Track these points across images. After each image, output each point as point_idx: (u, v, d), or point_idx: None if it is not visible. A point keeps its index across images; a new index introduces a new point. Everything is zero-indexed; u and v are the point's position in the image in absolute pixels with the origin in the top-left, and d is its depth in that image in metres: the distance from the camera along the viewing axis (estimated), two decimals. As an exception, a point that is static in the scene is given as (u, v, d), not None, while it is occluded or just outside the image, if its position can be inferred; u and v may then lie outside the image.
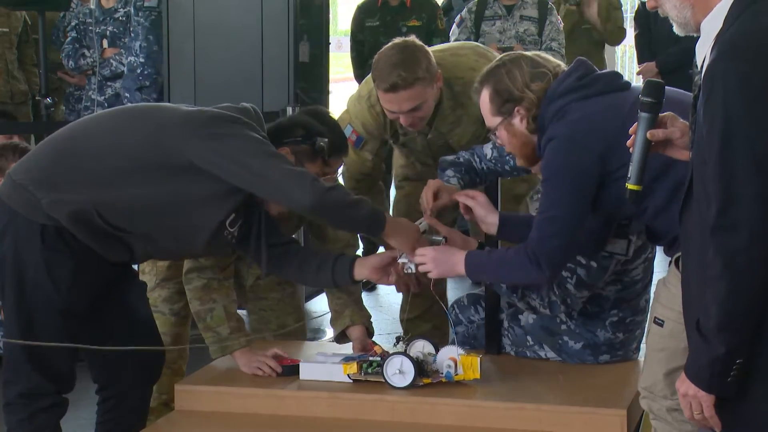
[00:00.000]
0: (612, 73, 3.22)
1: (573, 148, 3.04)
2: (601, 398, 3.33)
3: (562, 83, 3.12)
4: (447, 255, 3.36)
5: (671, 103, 2.64)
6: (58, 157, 3.31)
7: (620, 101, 3.07)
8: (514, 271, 3.23)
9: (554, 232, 3.10)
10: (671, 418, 2.96)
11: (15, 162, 5.32)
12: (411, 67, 3.82)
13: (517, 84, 3.16)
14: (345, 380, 3.46)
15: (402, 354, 3.43)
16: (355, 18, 7.04)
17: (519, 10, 6.50)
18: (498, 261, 3.29)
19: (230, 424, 3.41)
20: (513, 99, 3.17)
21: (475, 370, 3.38)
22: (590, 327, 3.61)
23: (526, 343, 3.70)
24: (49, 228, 3.23)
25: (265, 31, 5.59)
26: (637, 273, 3.58)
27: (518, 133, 3.20)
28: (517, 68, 3.18)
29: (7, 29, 6.82)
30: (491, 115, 3.23)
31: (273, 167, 3.21)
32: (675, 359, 2.94)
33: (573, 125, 3.06)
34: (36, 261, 3.25)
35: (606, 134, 3.01)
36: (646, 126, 2.50)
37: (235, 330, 3.58)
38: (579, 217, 3.11)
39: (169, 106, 3.43)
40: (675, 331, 2.93)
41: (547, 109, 3.11)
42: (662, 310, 2.98)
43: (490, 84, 3.21)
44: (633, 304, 3.61)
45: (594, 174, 3.03)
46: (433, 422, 3.32)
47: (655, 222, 3.07)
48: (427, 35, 6.78)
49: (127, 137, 3.28)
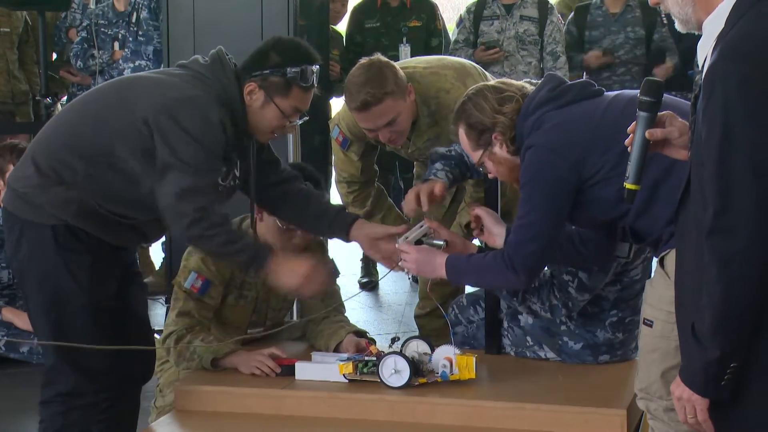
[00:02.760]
0: (584, 81, 3.26)
1: (548, 157, 3.07)
2: (601, 398, 3.33)
3: (534, 98, 3.17)
4: (429, 257, 3.38)
5: (669, 106, 2.63)
6: (50, 158, 3.29)
7: (593, 108, 3.11)
8: (492, 275, 3.26)
9: (530, 238, 3.13)
10: (668, 418, 2.96)
11: (13, 162, 5.37)
12: (379, 83, 3.88)
13: (485, 113, 3.20)
14: (341, 380, 3.47)
15: (397, 354, 3.43)
16: (351, 19, 7.01)
17: (519, 10, 6.46)
18: (476, 265, 3.31)
19: (230, 424, 3.41)
20: (486, 128, 3.21)
21: (471, 370, 3.38)
22: (590, 327, 3.61)
23: (526, 343, 3.70)
24: (60, 227, 3.24)
25: (265, 31, 5.58)
26: (636, 273, 3.58)
27: (503, 160, 3.24)
28: (482, 99, 3.23)
29: (8, 29, 6.82)
30: (473, 151, 3.28)
31: (176, 188, 3.15)
32: (668, 359, 2.94)
33: (548, 134, 3.10)
34: (55, 262, 3.25)
35: (580, 142, 3.05)
36: (645, 125, 2.48)
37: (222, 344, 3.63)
38: (555, 223, 3.14)
39: (142, 89, 3.33)
40: (665, 330, 2.94)
41: (523, 125, 3.15)
42: (651, 310, 2.99)
43: (462, 121, 3.26)
44: (632, 303, 3.62)
45: (569, 181, 3.06)
46: (432, 422, 3.32)
47: (637, 223, 3.09)
48: (426, 35, 6.78)
49: (109, 126, 3.26)
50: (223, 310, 3.83)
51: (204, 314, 3.74)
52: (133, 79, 3.52)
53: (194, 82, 3.28)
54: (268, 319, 3.94)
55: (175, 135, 3.16)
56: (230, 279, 3.79)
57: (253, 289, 3.86)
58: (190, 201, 3.15)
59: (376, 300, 6.60)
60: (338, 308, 3.94)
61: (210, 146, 3.18)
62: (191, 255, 3.75)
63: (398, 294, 6.64)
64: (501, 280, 3.26)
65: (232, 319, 3.85)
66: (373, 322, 5.93)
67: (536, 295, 3.59)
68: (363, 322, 5.69)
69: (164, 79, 3.32)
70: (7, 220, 3.36)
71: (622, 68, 6.38)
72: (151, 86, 3.29)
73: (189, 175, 3.14)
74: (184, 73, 3.32)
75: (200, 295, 3.72)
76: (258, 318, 3.92)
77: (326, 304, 3.90)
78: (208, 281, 3.71)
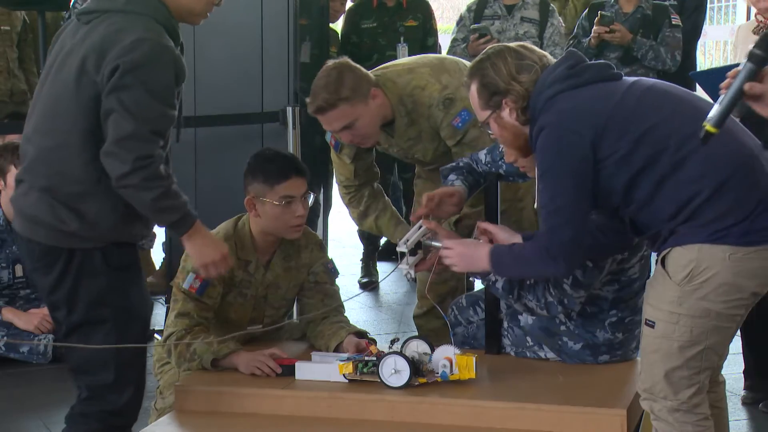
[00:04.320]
0: (603, 63, 3.20)
1: (564, 134, 3.01)
2: (601, 398, 3.33)
3: (552, 73, 3.11)
4: (472, 249, 3.35)
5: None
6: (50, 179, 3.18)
7: (610, 90, 3.06)
8: (533, 266, 3.19)
9: (562, 222, 3.05)
10: (672, 419, 2.96)
11: (13, 163, 5.36)
12: (335, 89, 3.90)
13: (502, 76, 3.14)
14: (341, 380, 3.47)
15: (397, 354, 3.43)
16: (347, 19, 7.00)
17: (520, 11, 6.44)
18: (518, 257, 3.24)
19: (230, 424, 3.41)
20: (499, 92, 3.15)
21: (471, 370, 3.38)
22: (589, 327, 3.61)
23: (526, 343, 3.70)
24: (108, 248, 3.17)
25: (265, 31, 5.59)
26: (633, 272, 3.58)
27: (508, 126, 3.18)
28: (501, 61, 3.17)
29: (8, 27, 6.81)
30: (480, 109, 3.22)
31: (116, 135, 3.05)
32: (671, 359, 2.94)
33: (562, 114, 3.03)
34: (109, 282, 3.18)
35: (595, 121, 2.99)
36: (747, 76, 2.57)
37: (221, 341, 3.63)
38: (583, 203, 3.05)
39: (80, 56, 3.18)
40: (667, 331, 2.94)
41: (537, 100, 3.09)
42: (651, 311, 2.99)
43: (477, 78, 3.20)
44: (631, 303, 3.61)
45: (589, 158, 2.98)
46: (433, 422, 3.32)
47: (639, 215, 3.04)
48: (423, 35, 6.78)
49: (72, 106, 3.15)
50: (223, 308, 3.84)
51: (204, 314, 3.74)
52: (68, 53, 3.28)
53: (132, 19, 3.14)
54: (267, 316, 3.94)
55: (121, 79, 3.06)
56: (229, 278, 3.79)
57: (252, 287, 3.86)
58: (130, 148, 3.05)
59: (376, 300, 6.59)
60: (338, 308, 3.94)
61: (156, 90, 3.09)
62: (189, 256, 3.75)
63: (398, 294, 6.64)
64: (542, 270, 3.21)
65: (232, 318, 3.85)
66: (373, 322, 5.93)
67: (532, 292, 3.58)
68: (363, 322, 5.70)
69: (103, 32, 3.15)
70: (47, 255, 3.19)
71: (626, 68, 6.35)
72: (91, 46, 3.15)
73: (129, 122, 3.05)
74: (118, 18, 3.15)
75: (199, 296, 3.73)
76: (257, 316, 3.93)
77: (326, 304, 3.90)
78: (206, 281, 3.71)
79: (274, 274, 3.89)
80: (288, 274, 3.92)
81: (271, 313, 3.95)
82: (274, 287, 3.90)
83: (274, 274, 3.89)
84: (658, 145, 2.94)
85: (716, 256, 2.88)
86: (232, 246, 3.80)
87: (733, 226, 2.87)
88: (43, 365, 5.29)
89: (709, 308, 2.91)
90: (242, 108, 5.61)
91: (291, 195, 3.73)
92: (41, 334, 5.29)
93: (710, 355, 2.96)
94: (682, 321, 2.92)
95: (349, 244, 7.74)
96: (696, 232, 2.90)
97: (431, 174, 4.36)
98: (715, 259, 2.88)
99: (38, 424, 4.53)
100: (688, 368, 2.94)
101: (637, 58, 6.33)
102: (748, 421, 4.43)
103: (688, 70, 6.82)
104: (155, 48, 3.09)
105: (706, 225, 2.89)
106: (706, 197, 2.88)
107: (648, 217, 3.01)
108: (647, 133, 2.95)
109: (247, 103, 5.62)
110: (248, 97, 5.65)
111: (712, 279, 2.88)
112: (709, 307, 2.90)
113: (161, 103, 3.10)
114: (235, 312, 3.86)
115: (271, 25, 5.59)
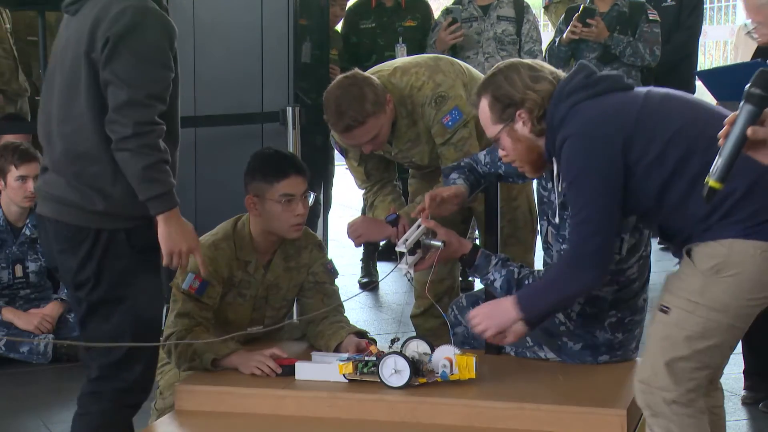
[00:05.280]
0: (616, 74, 3.20)
1: (593, 141, 2.98)
2: (601, 398, 3.33)
3: (568, 83, 3.09)
4: (494, 306, 3.31)
5: None
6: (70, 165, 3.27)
7: (630, 98, 3.05)
8: (564, 285, 3.15)
9: (591, 233, 3.03)
10: (670, 411, 2.95)
11: (13, 163, 5.38)
12: (360, 106, 3.89)
13: (517, 87, 3.13)
14: (341, 380, 3.47)
15: (397, 354, 3.43)
16: (347, 20, 6.99)
17: (495, 10, 6.42)
18: (545, 286, 3.22)
19: (230, 424, 3.41)
20: (514, 103, 3.13)
21: (471, 370, 3.38)
22: (589, 328, 3.61)
23: (526, 344, 3.69)
24: (132, 230, 3.25)
25: (265, 31, 5.60)
26: (632, 272, 3.57)
27: (522, 138, 3.15)
28: (515, 73, 3.16)
29: (9, 26, 6.81)
30: (492, 124, 3.19)
31: (113, 104, 3.14)
32: (678, 349, 2.93)
33: (588, 121, 3.01)
34: (134, 263, 3.27)
35: (623, 125, 2.97)
36: (748, 120, 2.25)
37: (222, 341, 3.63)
38: (614, 209, 3.02)
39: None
40: (680, 319, 2.93)
41: (556, 109, 3.07)
42: (669, 297, 2.96)
43: (489, 92, 3.18)
44: (631, 303, 3.61)
45: (619, 164, 2.95)
46: (433, 422, 3.32)
47: (672, 219, 3.02)
48: (422, 35, 6.77)
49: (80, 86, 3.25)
50: (222, 309, 3.84)
51: (203, 315, 3.74)
52: (65, 45, 3.39)
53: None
54: (268, 317, 3.94)
55: (111, 51, 3.15)
56: (228, 278, 3.80)
57: (252, 288, 3.86)
58: (128, 114, 3.13)
59: (376, 300, 6.60)
60: (338, 308, 3.95)
61: (145, 54, 3.16)
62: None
63: (398, 294, 6.64)
64: (575, 285, 3.13)
65: (232, 319, 3.85)
66: (373, 322, 5.93)
67: None
68: (363, 322, 5.70)
69: (92, 14, 3.24)
70: (75, 235, 3.27)
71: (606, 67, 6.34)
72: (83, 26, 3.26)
73: (124, 91, 3.13)
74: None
75: (199, 296, 3.73)
76: (258, 317, 3.93)
77: (326, 304, 3.90)
78: (206, 282, 3.72)
79: (274, 275, 3.89)
80: (288, 275, 3.92)
81: (272, 314, 3.95)
82: (275, 288, 3.90)
83: (275, 275, 3.89)
84: (688, 146, 2.93)
85: (747, 252, 2.88)
86: (231, 246, 3.80)
87: (766, 222, 2.87)
88: (43, 365, 5.29)
89: (729, 303, 2.90)
90: (242, 108, 5.62)
91: (291, 193, 3.73)
92: (41, 334, 5.30)
93: (716, 353, 2.96)
94: (699, 311, 2.91)
95: (349, 244, 7.67)
96: (728, 228, 2.89)
97: (426, 174, 4.37)
98: (746, 255, 2.87)
99: (38, 423, 4.53)
100: (693, 360, 2.94)
101: (616, 56, 6.32)
102: (748, 421, 4.43)
103: (689, 70, 6.85)
104: (137, 14, 3.17)
105: (739, 222, 2.89)
106: (740, 196, 2.88)
107: (681, 221, 2.99)
108: (676, 135, 2.94)
109: (247, 103, 5.63)
110: (248, 97, 5.65)
111: (739, 274, 2.88)
112: (730, 303, 2.90)
113: (152, 65, 3.18)
114: (235, 312, 3.86)
115: (271, 25, 5.60)
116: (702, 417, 2.98)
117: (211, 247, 3.77)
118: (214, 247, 3.78)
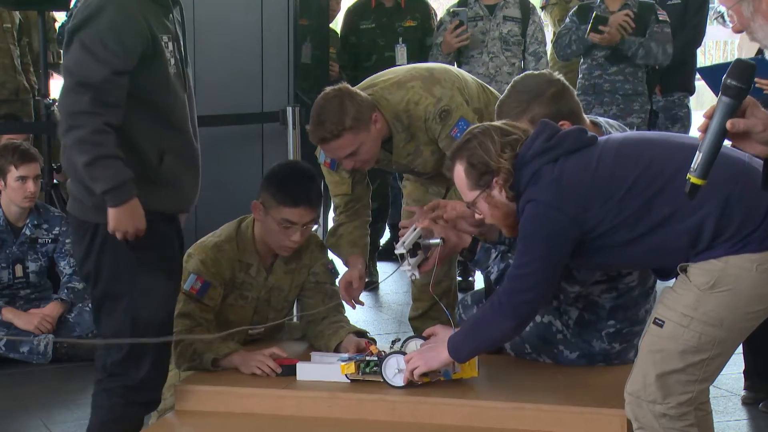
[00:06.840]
0: (576, 129, 3.17)
1: (548, 213, 3.03)
2: (601, 398, 3.32)
3: (530, 147, 3.10)
4: (429, 352, 3.36)
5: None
6: None
7: (587, 159, 3.06)
8: (485, 327, 3.21)
9: (526, 288, 3.10)
10: (658, 424, 2.95)
11: (13, 163, 5.37)
12: (338, 119, 3.85)
13: (491, 155, 3.13)
14: (342, 380, 3.47)
15: (399, 353, 3.43)
16: (346, 20, 6.98)
17: (501, 11, 6.41)
18: (470, 328, 3.28)
19: (230, 424, 3.42)
20: (490, 171, 3.14)
21: (473, 368, 3.39)
22: (586, 337, 3.59)
23: (524, 350, 3.69)
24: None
25: (265, 31, 5.60)
26: (631, 279, 3.55)
27: (500, 204, 3.17)
28: (488, 139, 3.15)
29: (9, 25, 6.81)
30: (468, 190, 3.20)
31: (65, 84, 3.18)
32: (670, 362, 2.93)
33: (547, 190, 3.05)
34: (137, 256, 3.28)
35: (579, 197, 3.02)
36: (726, 113, 2.22)
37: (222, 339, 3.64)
38: (550, 276, 3.11)
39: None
40: (675, 333, 2.93)
41: (521, 174, 3.10)
42: (664, 310, 2.97)
43: (464, 158, 3.18)
44: (631, 314, 3.58)
45: (568, 237, 3.03)
46: (433, 422, 3.32)
47: (656, 259, 3.09)
48: (422, 35, 6.77)
49: None
50: (223, 310, 3.84)
51: (204, 316, 3.74)
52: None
53: None
54: (270, 319, 3.94)
55: (66, 45, 3.22)
56: (230, 280, 3.80)
57: (254, 289, 3.86)
58: (62, 104, 3.17)
59: (376, 300, 6.59)
60: (338, 308, 3.95)
61: (89, 44, 3.16)
62: (191, 257, 3.76)
63: (398, 294, 6.64)
64: (495, 329, 3.20)
65: (233, 320, 3.85)
66: (373, 322, 5.93)
67: None
68: (363, 322, 5.69)
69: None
70: (78, 228, 3.35)
71: (614, 67, 6.34)
72: None
73: (65, 79, 3.18)
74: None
75: (200, 297, 3.73)
76: (259, 318, 3.92)
77: (326, 304, 3.90)
78: (207, 283, 3.72)
79: (276, 277, 3.89)
80: (289, 276, 3.92)
81: (274, 316, 3.95)
82: (277, 290, 3.90)
83: (276, 277, 3.89)
84: (648, 191, 2.95)
85: (743, 266, 2.88)
86: (233, 248, 3.81)
87: (753, 233, 2.88)
88: (43, 365, 5.29)
89: (724, 317, 2.90)
90: (242, 108, 5.62)
91: (293, 222, 3.73)
92: (41, 334, 5.30)
93: (710, 366, 2.95)
94: (693, 325, 2.91)
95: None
96: (719, 246, 2.90)
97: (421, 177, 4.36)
98: (742, 270, 2.88)
99: (38, 423, 4.53)
100: (686, 373, 2.94)
101: (625, 56, 6.31)
102: (748, 421, 4.43)
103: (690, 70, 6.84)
104: (96, 7, 3.19)
105: (728, 239, 2.90)
106: (718, 215, 2.88)
107: (667, 258, 3.02)
108: (633, 187, 2.97)
109: (247, 103, 5.62)
110: (248, 97, 5.65)
111: (735, 289, 2.88)
112: (725, 317, 2.90)
113: (92, 54, 3.17)
114: (236, 314, 3.86)
115: (271, 25, 5.60)
116: (693, 431, 2.97)
117: (213, 248, 3.78)
118: (216, 248, 3.78)
